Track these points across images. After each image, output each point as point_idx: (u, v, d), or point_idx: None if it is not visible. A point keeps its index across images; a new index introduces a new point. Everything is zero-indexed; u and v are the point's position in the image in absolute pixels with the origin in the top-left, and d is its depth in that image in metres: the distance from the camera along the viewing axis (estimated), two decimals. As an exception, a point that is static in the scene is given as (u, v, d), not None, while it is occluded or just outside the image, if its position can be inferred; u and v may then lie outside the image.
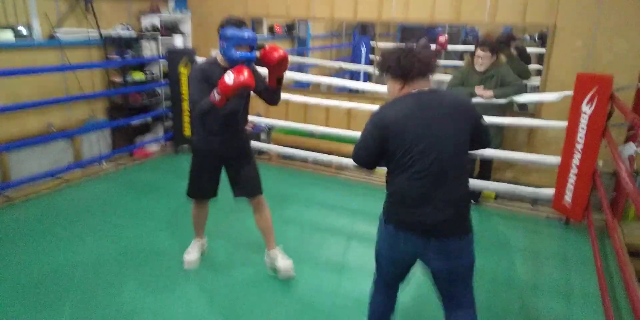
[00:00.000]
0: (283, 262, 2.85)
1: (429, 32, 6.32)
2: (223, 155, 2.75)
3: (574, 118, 3.48)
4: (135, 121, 5.17)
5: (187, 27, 5.82)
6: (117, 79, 5.08)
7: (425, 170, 1.73)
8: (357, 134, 4.55)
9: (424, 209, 1.75)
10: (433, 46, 5.74)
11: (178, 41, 5.31)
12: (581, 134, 3.42)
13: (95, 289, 2.69)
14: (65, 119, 4.75)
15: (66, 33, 4.62)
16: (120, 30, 4.97)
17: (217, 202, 2.97)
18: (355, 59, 7.12)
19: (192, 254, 3.01)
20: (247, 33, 2.43)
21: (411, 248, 1.82)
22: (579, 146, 3.45)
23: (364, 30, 7.24)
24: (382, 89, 4.47)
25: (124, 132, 5.29)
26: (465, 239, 1.81)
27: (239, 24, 2.45)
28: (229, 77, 2.31)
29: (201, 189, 2.85)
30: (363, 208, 4.03)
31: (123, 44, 4.97)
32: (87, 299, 2.59)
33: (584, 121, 3.39)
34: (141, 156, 5.21)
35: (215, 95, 2.36)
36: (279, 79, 2.65)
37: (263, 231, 2.91)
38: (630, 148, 3.29)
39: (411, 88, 1.79)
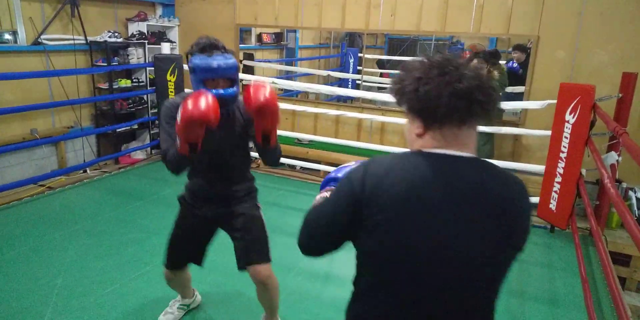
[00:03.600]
0: None
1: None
2: (207, 213, 2.06)
3: (557, 127, 3.55)
4: (121, 128, 5.12)
5: (174, 35, 5.82)
6: (104, 86, 5.04)
7: (427, 297, 1.00)
8: (344, 142, 4.65)
9: None
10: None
11: (166, 49, 5.30)
12: (565, 142, 3.48)
13: (75, 295, 2.63)
14: (49, 125, 4.68)
15: (51, 39, 4.59)
16: (107, 37, 4.94)
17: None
18: (344, 70, 7.22)
19: (167, 316, 2.41)
20: (216, 61, 1.75)
21: None
22: (563, 155, 3.51)
23: (352, 42, 7.33)
24: (371, 95, 4.51)
25: (110, 139, 5.23)
26: None
27: (209, 48, 1.78)
28: (179, 111, 1.64)
29: (175, 255, 2.14)
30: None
31: (110, 51, 4.94)
32: (67, 307, 2.53)
33: (567, 130, 3.46)
34: (127, 164, 5.15)
35: (177, 141, 1.75)
36: (265, 137, 1.80)
37: (264, 307, 2.26)
38: (612, 157, 3.34)
39: (437, 141, 0.99)
